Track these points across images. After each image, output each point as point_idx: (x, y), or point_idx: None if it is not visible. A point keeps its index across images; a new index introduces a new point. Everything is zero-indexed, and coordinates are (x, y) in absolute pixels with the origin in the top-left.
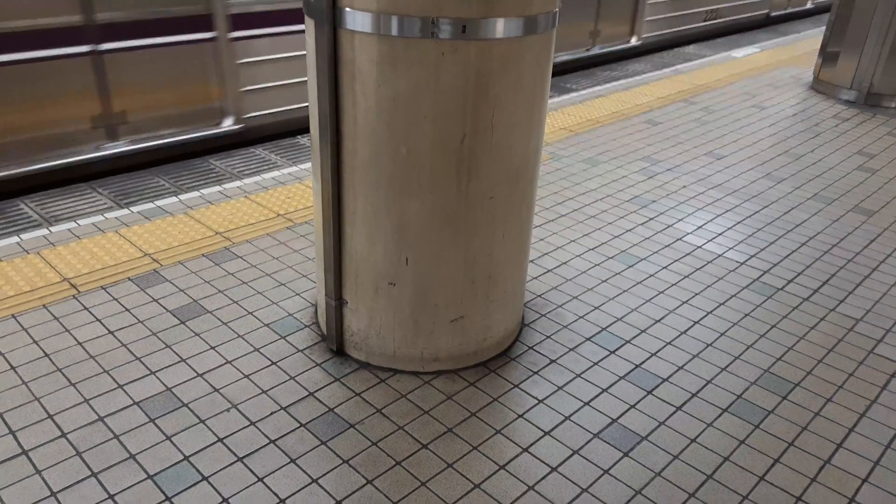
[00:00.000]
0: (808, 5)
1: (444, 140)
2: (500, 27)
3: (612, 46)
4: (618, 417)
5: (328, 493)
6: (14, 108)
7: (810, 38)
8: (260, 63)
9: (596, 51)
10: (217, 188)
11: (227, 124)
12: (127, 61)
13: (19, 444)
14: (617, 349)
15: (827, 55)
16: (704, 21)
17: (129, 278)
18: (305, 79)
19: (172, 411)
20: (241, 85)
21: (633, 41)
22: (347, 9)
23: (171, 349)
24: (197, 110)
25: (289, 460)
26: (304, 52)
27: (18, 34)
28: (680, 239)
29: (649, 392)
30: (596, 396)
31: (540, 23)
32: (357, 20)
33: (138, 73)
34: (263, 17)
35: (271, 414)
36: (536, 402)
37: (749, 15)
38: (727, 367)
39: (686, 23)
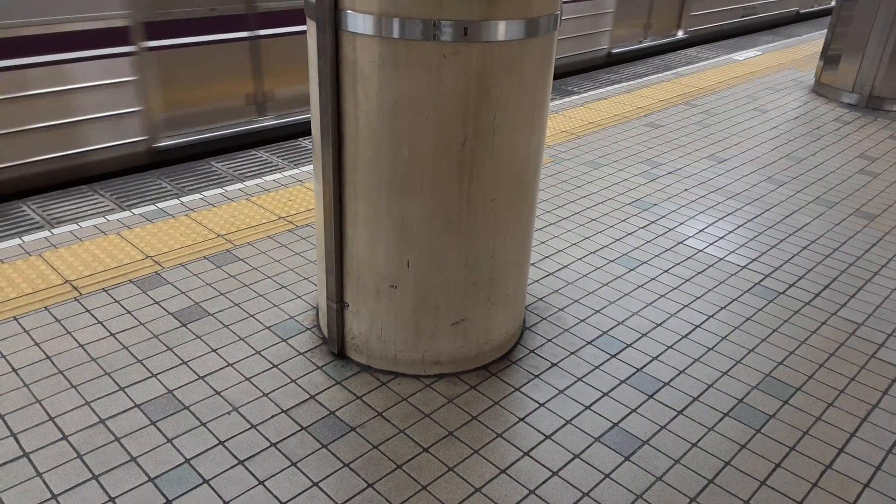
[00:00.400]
0: (833, 3)
1: (446, 142)
2: (502, 29)
3: (661, 39)
4: (619, 421)
5: (329, 496)
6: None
7: (811, 40)
8: None
9: (647, 42)
10: (218, 190)
11: None
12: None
13: (20, 446)
14: (618, 353)
15: (828, 58)
16: (741, 17)
17: (130, 280)
18: None
19: (173, 414)
20: None
21: (680, 34)
22: (349, 11)
23: (173, 352)
24: None
25: (290, 463)
26: None
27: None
28: (681, 242)
29: (650, 396)
30: (597, 400)
31: (541, 25)
32: (359, 22)
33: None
34: None
35: (272, 417)
36: (537, 405)
37: (781, 12)
38: (728, 371)
39: (725, 18)
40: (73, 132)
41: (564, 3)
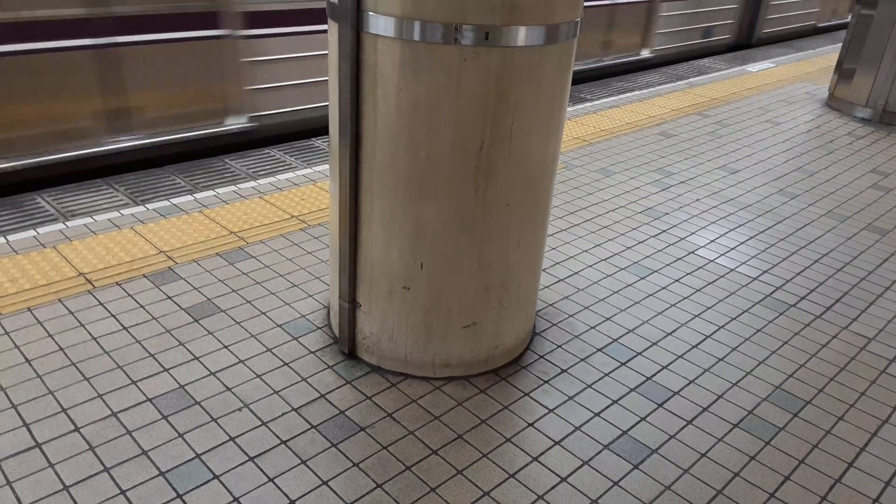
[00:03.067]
0: (849, 18)
1: (464, 146)
2: (523, 35)
3: (713, 41)
4: (628, 429)
5: (338, 495)
6: None
7: (826, 54)
8: None
9: (705, 43)
10: (232, 188)
11: None
12: None
13: (33, 436)
14: (628, 361)
15: (843, 72)
16: (767, 30)
17: (143, 275)
18: None
19: (185, 409)
20: None
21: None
22: (371, 13)
23: (185, 347)
24: None
25: (299, 461)
26: None
27: None
28: (692, 252)
29: (660, 405)
30: (606, 407)
31: (562, 32)
32: (380, 24)
33: None
34: None
35: (283, 415)
36: (547, 411)
37: (799, 25)
38: (738, 382)
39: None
40: None
41: None
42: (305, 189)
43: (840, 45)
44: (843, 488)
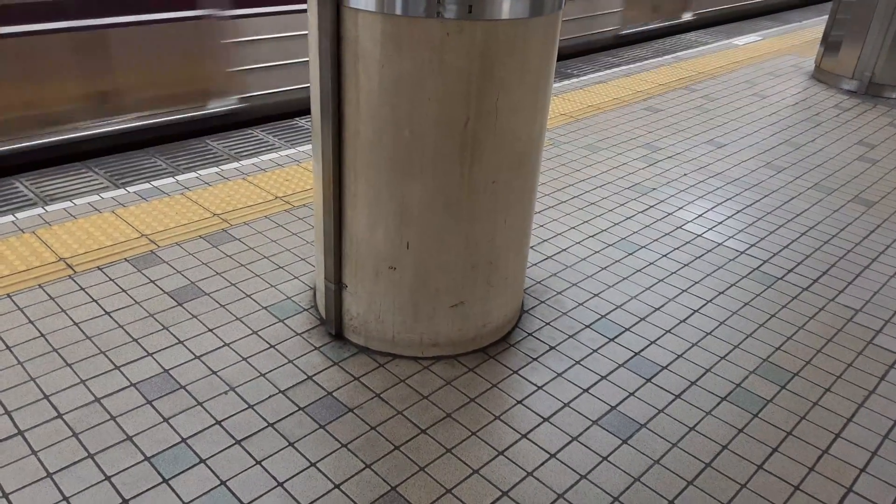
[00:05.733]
0: None
1: (448, 122)
2: (507, 7)
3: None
4: (617, 405)
5: (327, 476)
6: None
7: (812, 26)
8: None
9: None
10: (214, 169)
11: None
12: None
13: (15, 424)
14: (616, 337)
15: (829, 44)
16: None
17: (125, 259)
18: None
19: (170, 393)
20: None
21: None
22: None
23: (169, 331)
24: None
25: (287, 443)
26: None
27: None
28: (680, 227)
29: (648, 380)
30: (595, 384)
31: (546, 4)
32: None
33: None
34: None
35: (269, 397)
36: (535, 388)
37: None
38: (726, 355)
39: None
40: None
41: None
42: (289, 170)
43: (826, 17)
44: (831, 459)
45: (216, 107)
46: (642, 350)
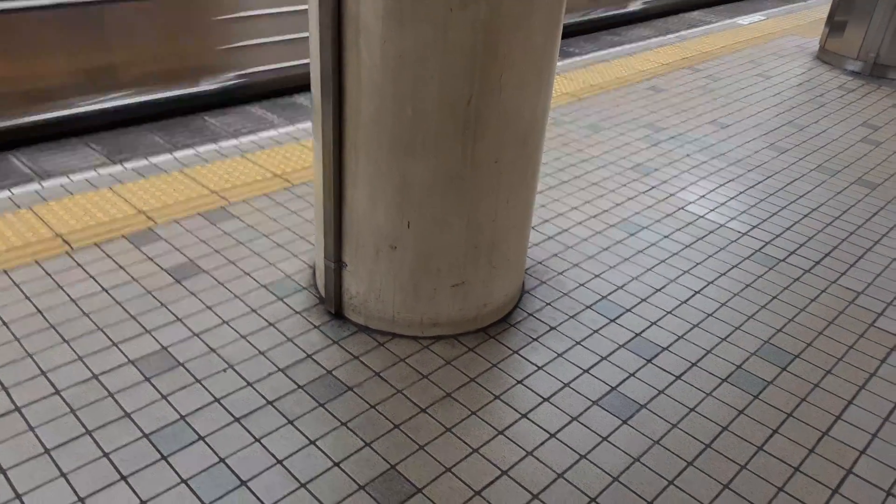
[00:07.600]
0: None
1: (451, 100)
2: None
3: None
4: (617, 385)
5: (326, 454)
6: None
7: (817, 6)
8: None
9: None
10: (212, 146)
11: None
12: None
13: (12, 400)
14: (617, 317)
15: (834, 25)
16: None
17: (123, 236)
18: None
19: (168, 370)
20: None
21: None
22: None
23: (167, 308)
24: None
25: (286, 421)
26: None
27: None
28: (682, 208)
29: (649, 361)
30: (595, 364)
31: None
32: None
33: None
34: None
35: (269, 375)
36: (536, 368)
37: None
38: (727, 337)
39: None
40: None
41: None
42: (289, 147)
43: None
44: (831, 440)
45: (215, 83)
46: (643, 331)
